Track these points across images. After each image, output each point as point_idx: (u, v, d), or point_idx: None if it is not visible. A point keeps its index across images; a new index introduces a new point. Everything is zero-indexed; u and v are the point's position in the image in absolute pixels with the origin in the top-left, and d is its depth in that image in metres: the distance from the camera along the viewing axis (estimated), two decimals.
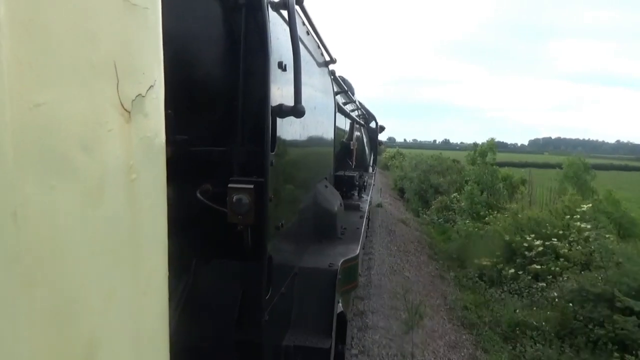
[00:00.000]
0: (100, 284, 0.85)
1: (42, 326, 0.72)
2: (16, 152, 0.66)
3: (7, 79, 0.65)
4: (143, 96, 0.97)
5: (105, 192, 0.86)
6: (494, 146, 18.43)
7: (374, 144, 12.49)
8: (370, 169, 11.05)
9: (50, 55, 0.72)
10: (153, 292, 1.07)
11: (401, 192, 24.76)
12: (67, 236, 0.77)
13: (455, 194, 17.34)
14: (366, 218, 5.38)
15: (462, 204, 15.32)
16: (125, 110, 0.91)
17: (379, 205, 16.58)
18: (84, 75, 0.80)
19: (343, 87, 6.04)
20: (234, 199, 1.76)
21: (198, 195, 1.83)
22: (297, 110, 1.94)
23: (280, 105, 1.93)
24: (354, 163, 6.19)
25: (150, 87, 0.99)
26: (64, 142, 0.76)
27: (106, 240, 0.87)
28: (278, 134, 1.99)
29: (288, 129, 2.29)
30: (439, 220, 15.73)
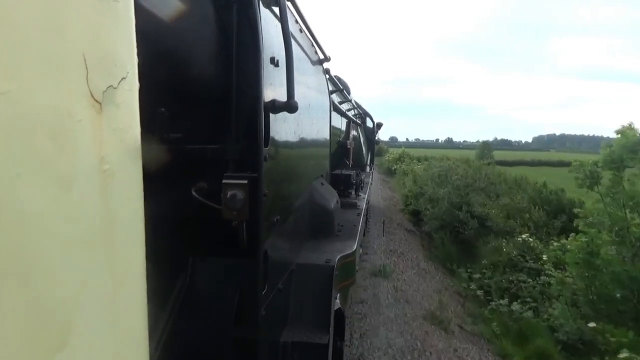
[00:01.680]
0: (73, 273, 0.85)
1: (12, 315, 0.72)
2: None
3: None
4: (115, 87, 0.97)
5: (75, 182, 0.86)
6: None
7: (371, 143, 12.66)
8: (368, 168, 11.21)
9: (12, 44, 0.72)
10: (130, 283, 1.07)
11: (414, 215, 15.43)
12: (35, 224, 0.77)
13: (525, 236, 9.71)
14: (363, 215, 5.44)
15: (567, 274, 7.25)
16: (96, 101, 0.91)
17: (383, 273, 8.00)
18: (51, 65, 0.80)
19: (338, 86, 6.09)
20: (228, 195, 1.78)
21: (193, 193, 1.84)
22: (290, 106, 1.97)
23: (273, 101, 1.96)
24: (351, 162, 6.27)
25: (122, 78, 1.00)
26: (31, 131, 0.76)
27: (78, 229, 0.87)
28: (272, 130, 2.02)
29: (282, 125, 2.31)
30: (517, 309, 7.07)
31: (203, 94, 1.99)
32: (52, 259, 0.80)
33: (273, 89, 2.06)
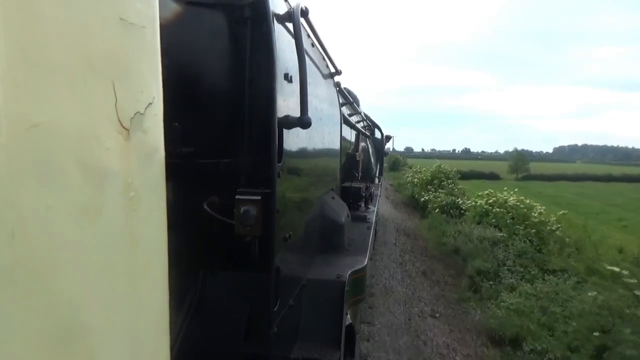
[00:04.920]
0: (98, 301, 0.87)
1: (39, 343, 0.74)
2: (13, 172, 0.69)
3: (3, 99, 0.68)
4: (142, 114, 1.00)
5: (103, 210, 0.87)
6: None
7: (380, 154, 12.93)
8: (377, 180, 11.39)
9: (46, 76, 0.75)
10: (153, 309, 1.08)
11: None
12: (64, 254, 0.79)
13: None
14: (373, 229, 5.51)
15: None
16: (124, 128, 0.94)
17: None
18: (81, 94, 0.82)
19: (348, 99, 6.22)
20: (241, 211, 1.83)
21: (205, 207, 1.90)
22: (303, 122, 2.02)
23: (287, 117, 2.01)
24: (360, 174, 6.37)
25: (149, 104, 1.03)
26: (62, 161, 0.78)
27: (104, 257, 0.88)
28: (285, 145, 2.06)
29: (295, 140, 2.37)
30: None
31: (216, 109, 2.05)
32: (77, 284, 0.82)
33: (286, 105, 2.11)
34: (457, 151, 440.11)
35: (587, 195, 39.82)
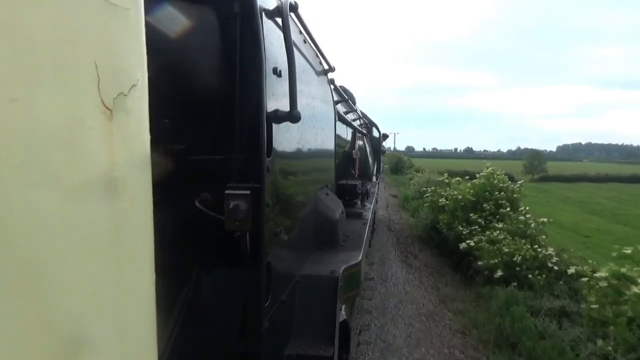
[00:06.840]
0: (82, 282, 0.88)
1: (24, 327, 0.75)
2: None
3: None
4: (125, 95, 1.01)
5: (86, 190, 0.88)
6: None
7: (377, 152, 13.03)
8: (374, 178, 11.42)
9: (28, 54, 0.76)
10: (139, 293, 1.09)
11: None
12: (47, 234, 0.80)
13: None
14: (369, 226, 5.54)
15: None
16: (107, 108, 0.95)
17: None
18: (63, 73, 0.83)
19: (344, 96, 6.29)
20: (231, 206, 1.85)
21: (197, 204, 1.92)
22: (292, 116, 2.06)
23: (276, 111, 2.05)
24: (357, 172, 6.43)
25: (132, 86, 1.04)
26: (43, 139, 0.78)
27: (89, 238, 0.89)
28: (275, 140, 2.10)
29: (285, 136, 2.40)
30: None
31: (207, 105, 2.08)
32: (63, 268, 0.83)
33: (276, 99, 2.15)
34: (459, 150, 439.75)
35: (624, 201, 34.98)
